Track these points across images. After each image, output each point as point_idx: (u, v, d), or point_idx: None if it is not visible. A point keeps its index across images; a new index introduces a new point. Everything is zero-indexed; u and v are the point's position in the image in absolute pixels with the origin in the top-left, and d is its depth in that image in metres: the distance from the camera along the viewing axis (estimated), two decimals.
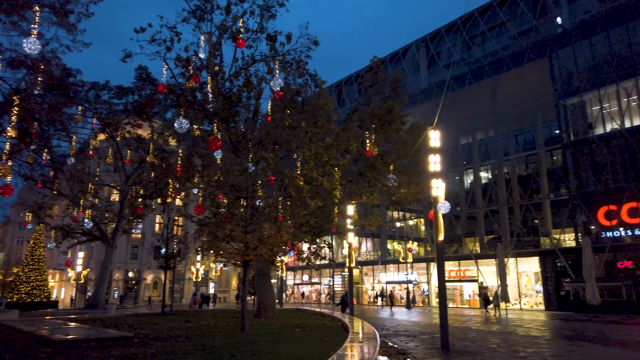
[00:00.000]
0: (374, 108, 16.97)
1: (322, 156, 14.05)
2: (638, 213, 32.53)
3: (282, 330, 12.26)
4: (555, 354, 11.49)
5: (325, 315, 18.18)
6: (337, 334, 10.25)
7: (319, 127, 13.82)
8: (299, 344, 9.11)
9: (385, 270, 51.08)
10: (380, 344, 13.03)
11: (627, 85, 33.60)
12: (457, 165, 46.98)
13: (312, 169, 14.12)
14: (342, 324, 12.91)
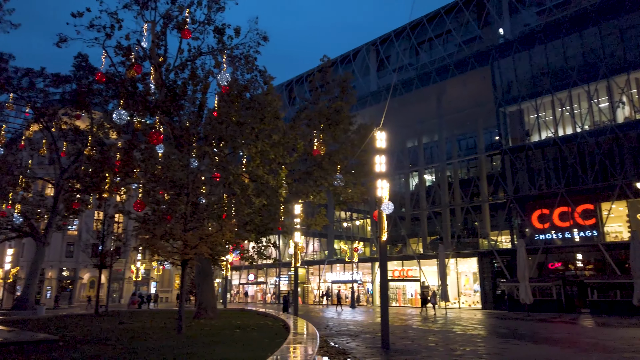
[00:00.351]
0: (322, 107, 16.91)
1: (268, 154, 13.82)
2: (568, 217, 34.55)
3: (221, 331, 11.92)
4: (490, 351, 11.87)
5: (269, 315, 17.94)
6: (277, 334, 10.07)
7: (266, 124, 13.57)
8: (237, 345, 8.85)
9: (331, 269, 51.39)
10: (322, 344, 12.97)
11: (561, 96, 35.62)
12: (403, 168, 48.11)
13: (257, 167, 13.84)
14: (284, 324, 12.75)
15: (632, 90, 33.13)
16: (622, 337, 15.11)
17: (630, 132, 32.28)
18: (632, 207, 32.12)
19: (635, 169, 32.17)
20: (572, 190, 34.16)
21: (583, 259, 35.29)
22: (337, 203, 18.62)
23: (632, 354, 10.99)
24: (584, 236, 33.93)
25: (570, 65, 35.26)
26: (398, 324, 22.03)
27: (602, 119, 34.19)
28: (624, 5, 32.43)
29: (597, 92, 34.09)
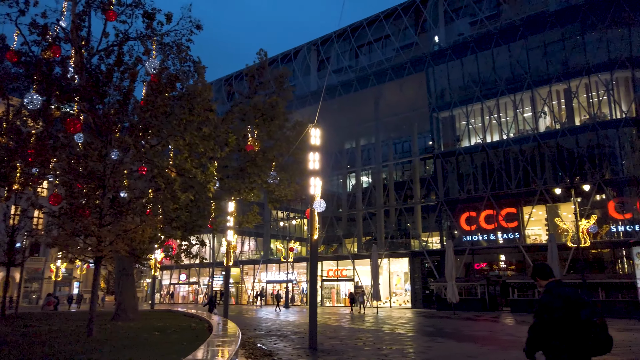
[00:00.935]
0: (257, 102, 16.43)
1: (197, 147, 13.15)
2: (493, 220, 36.30)
3: (138, 334, 11.15)
4: (415, 350, 11.98)
5: (195, 316, 17.20)
6: (199, 336, 9.53)
7: (195, 116, 12.91)
8: (150, 349, 8.23)
9: (266, 269, 50.76)
10: (248, 345, 12.52)
11: (490, 104, 37.38)
12: (341, 169, 48.49)
13: (185, 160, 13.14)
14: (209, 326, 12.17)
15: (553, 101, 35.40)
16: None
17: (550, 141, 34.46)
18: (550, 211, 34.29)
19: (554, 176, 34.39)
20: (497, 195, 35.92)
21: (506, 260, 37.26)
22: (271, 201, 18.20)
23: None
24: (507, 238, 35.77)
25: (499, 75, 37.10)
26: (330, 323, 21.98)
27: (526, 127, 36.26)
28: (547, 22, 34.57)
29: (522, 102, 36.11)
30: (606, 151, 32.73)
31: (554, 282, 4.10)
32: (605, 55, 32.33)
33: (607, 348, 3.75)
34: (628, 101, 32.30)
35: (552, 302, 3.90)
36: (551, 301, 3.92)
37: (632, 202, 31.13)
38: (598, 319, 3.74)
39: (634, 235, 29.38)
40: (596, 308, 3.87)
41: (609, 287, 28.29)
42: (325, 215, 47.67)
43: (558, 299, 3.88)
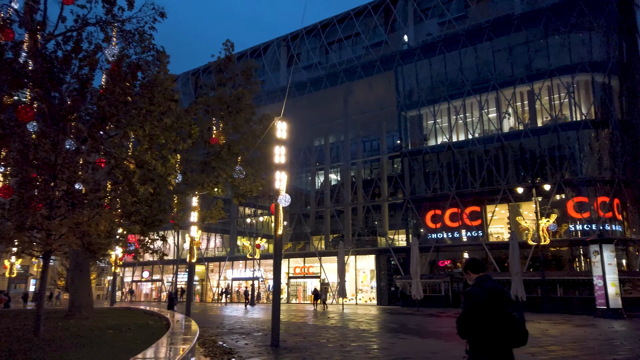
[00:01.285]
0: (222, 94, 16.01)
1: (158, 138, 12.66)
2: (457, 218, 36.88)
3: (90, 332, 10.63)
4: (379, 346, 11.91)
5: (155, 314, 16.66)
6: (155, 334, 9.15)
7: (156, 105, 12.41)
8: (99, 348, 7.82)
9: (232, 266, 50.09)
10: (209, 343, 12.17)
11: (456, 104, 37.94)
12: (310, 166, 48.29)
13: (145, 151, 12.63)
14: (168, 323, 11.75)
15: (517, 103, 36.23)
16: None
17: (514, 142, 35.27)
18: (512, 210, 35.10)
19: (517, 176, 35.22)
20: (462, 193, 36.53)
21: (469, 258, 37.92)
22: (236, 196, 17.81)
23: None
24: (470, 236, 36.43)
25: (465, 76, 37.69)
26: (295, 320, 21.77)
27: (491, 128, 36.98)
28: (512, 24, 35.32)
29: (487, 103, 36.82)
30: (566, 152, 33.73)
31: (482, 277, 4.31)
32: (567, 59, 33.30)
33: (523, 341, 4.01)
34: (588, 104, 33.38)
35: (478, 295, 4.12)
36: (477, 293, 4.13)
37: (590, 202, 32.21)
38: (517, 314, 3.98)
39: (591, 234, 30.38)
40: (516, 303, 4.12)
41: (566, 284, 29.21)
42: (293, 212, 47.43)
43: (483, 292, 4.10)
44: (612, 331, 15.81)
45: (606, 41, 33.35)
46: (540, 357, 9.56)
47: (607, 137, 32.70)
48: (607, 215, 31.45)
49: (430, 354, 10.24)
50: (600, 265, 23.33)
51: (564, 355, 9.89)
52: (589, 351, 10.50)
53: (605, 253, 23.36)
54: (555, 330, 16.00)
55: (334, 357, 9.93)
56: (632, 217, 32.68)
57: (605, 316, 22.53)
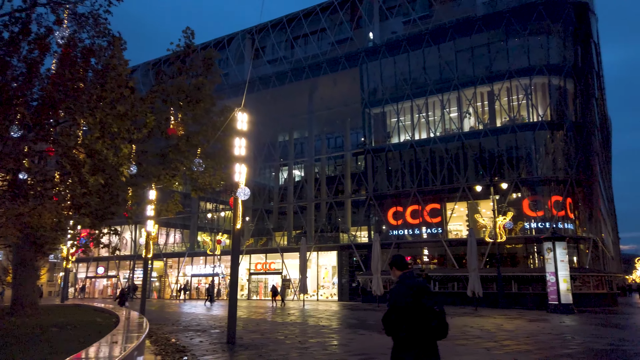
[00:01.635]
0: (181, 82, 15.43)
1: (110, 126, 12.02)
2: (418, 215, 37.38)
3: (32, 330, 9.99)
4: (337, 343, 11.77)
5: (105, 311, 15.96)
6: (102, 332, 8.66)
7: (108, 92, 11.78)
8: (38, 347, 7.30)
9: (192, 262, 49.03)
10: (161, 341, 11.69)
11: (419, 102, 38.39)
12: (274, 161, 47.78)
13: (96, 140, 11.97)
14: (117, 321, 11.21)
15: (477, 103, 37.00)
16: (456, 326, 16.34)
17: (473, 141, 36.01)
18: (471, 208, 35.88)
19: (476, 174, 36.00)
20: (423, 191, 37.03)
21: (429, 254, 38.57)
22: (194, 189, 17.27)
23: (464, 341, 11.72)
24: (430, 233, 37.01)
25: (429, 75, 38.16)
26: (254, 317, 21.42)
27: (452, 127, 37.63)
28: (475, 26, 36.00)
29: (449, 102, 37.43)
30: (523, 152, 34.73)
31: (407, 273, 4.45)
32: (525, 61, 34.24)
33: (444, 333, 4.16)
34: (544, 106, 34.46)
35: (401, 291, 4.26)
36: (400, 290, 4.28)
37: (544, 201, 33.31)
38: (438, 308, 4.11)
39: (545, 232, 31.41)
40: (438, 298, 4.28)
41: (521, 280, 30.11)
42: (256, 208, 46.88)
43: (407, 288, 4.24)
44: (563, 326, 16.30)
45: (562, 45, 34.52)
46: (495, 352, 9.65)
47: (562, 139, 33.88)
48: (560, 214, 32.60)
49: (387, 350, 10.16)
50: (553, 262, 24.11)
51: (518, 349, 10.03)
52: (541, 345, 10.70)
53: (558, 250, 24.16)
54: (509, 325, 16.36)
55: (290, 354, 9.70)
56: (582, 216, 34.02)
57: (556, 311, 23.31)
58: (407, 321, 4.14)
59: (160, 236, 52.47)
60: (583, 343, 11.06)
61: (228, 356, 9.68)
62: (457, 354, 9.47)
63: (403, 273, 4.48)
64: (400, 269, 4.53)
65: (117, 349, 6.01)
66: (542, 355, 9.09)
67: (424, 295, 4.17)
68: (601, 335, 12.95)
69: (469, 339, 12.01)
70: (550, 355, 9.09)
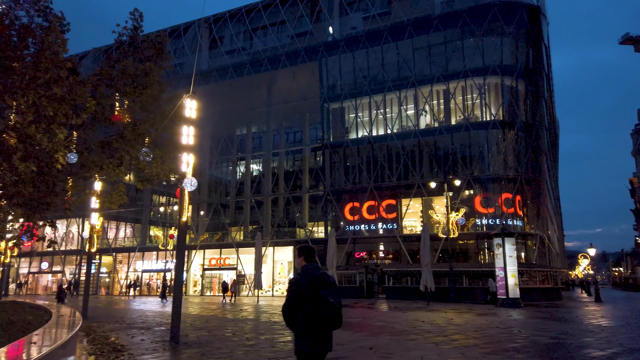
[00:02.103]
0: (127, 66, 14.56)
1: (45, 109, 11.12)
2: (374, 211, 37.61)
3: None
4: (286, 339, 11.44)
5: (41, 308, 14.96)
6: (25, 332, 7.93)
7: (43, 72, 10.89)
8: None
9: (143, 257, 47.39)
10: (99, 340, 10.99)
11: (377, 99, 38.55)
12: (231, 155, 46.77)
13: (29, 124, 11.05)
14: (49, 319, 10.41)
15: (433, 101, 37.55)
16: (407, 320, 16.38)
17: (429, 138, 36.54)
18: (425, 204, 36.44)
19: (431, 171, 36.56)
20: (379, 187, 37.27)
21: (384, 250, 38.92)
22: (140, 180, 16.40)
23: (414, 335, 11.66)
24: (386, 228, 37.31)
25: (387, 72, 38.39)
26: (205, 313, 20.77)
27: (409, 124, 38.04)
28: (432, 24, 36.47)
29: (406, 99, 37.79)
30: (476, 151, 35.55)
31: (310, 265, 4.52)
32: (480, 61, 35.01)
33: (338, 324, 4.30)
34: (497, 105, 35.37)
35: (301, 282, 4.36)
36: (300, 281, 4.37)
37: (495, 198, 34.23)
38: (334, 300, 4.22)
39: (495, 228, 32.31)
40: (335, 290, 4.36)
41: (472, 275, 30.79)
42: (211, 202, 45.84)
43: (307, 280, 4.34)
44: (511, 319, 16.66)
45: (515, 47, 35.53)
46: (444, 347, 9.60)
47: (513, 138, 34.91)
48: (509, 211, 33.60)
49: (337, 346, 9.94)
50: (502, 258, 24.72)
51: (466, 344, 10.03)
52: (489, 339, 10.77)
53: (507, 246, 24.79)
54: (459, 319, 16.55)
55: (236, 352, 9.29)
56: (531, 214, 35.22)
57: (504, 305, 23.93)
58: (303, 311, 4.25)
59: (110, 230, 50.44)
60: (529, 337, 11.24)
61: (169, 356, 9.15)
62: (406, 349, 9.36)
63: (307, 264, 4.54)
64: (307, 259, 4.58)
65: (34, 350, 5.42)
66: (490, 349, 9.11)
67: (322, 287, 4.28)
68: (546, 328, 13.25)
69: (419, 333, 11.98)
70: (498, 349, 9.12)
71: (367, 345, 9.81)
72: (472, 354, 8.62)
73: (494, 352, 8.74)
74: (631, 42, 75.29)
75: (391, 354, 8.71)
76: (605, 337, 10.94)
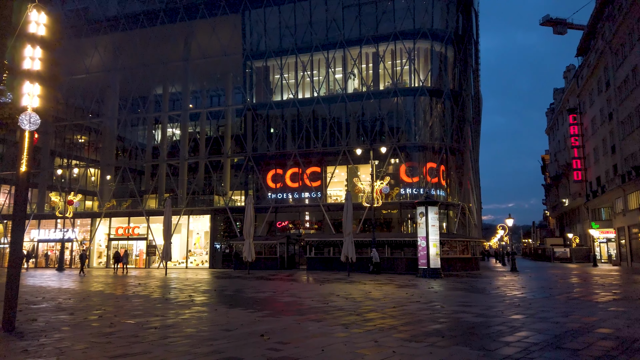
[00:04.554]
0: None
1: None
2: (298, 178, 35.66)
3: None
4: (161, 325, 9.14)
5: None
6: None
7: None
8: None
9: (39, 226, 42.31)
10: None
11: (304, 59, 36.08)
12: (143, 114, 42.32)
13: None
14: None
15: (362, 65, 35.77)
16: (321, 294, 14.67)
17: (356, 103, 34.87)
18: (351, 172, 35.03)
19: (357, 138, 35.05)
20: (304, 153, 35.27)
21: (309, 219, 37.25)
22: None
23: (323, 315, 9.81)
24: (310, 197, 35.57)
25: (315, 30, 35.93)
26: (92, 289, 17.83)
27: (336, 87, 36.07)
28: None
29: (334, 61, 35.68)
30: (403, 119, 34.44)
31: None
32: (410, 24, 33.57)
33: None
34: (425, 72, 34.28)
35: None
36: None
37: (420, 167, 33.50)
38: None
39: (419, 198, 31.64)
40: None
41: (394, 245, 29.92)
42: (119, 165, 41.54)
43: None
44: (432, 292, 15.47)
45: (446, 11, 34.41)
46: (354, 330, 7.79)
47: (440, 106, 34.13)
48: (433, 181, 33.04)
49: (223, 332, 7.80)
50: (425, 227, 23.80)
51: (381, 325, 8.31)
52: (409, 318, 9.17)
53: (430, 215, 23.87)
54: (378, 292, 15.09)
55: (77, 344, 6.85)
56: (454, 184, 34.98)
57: (425, 275, 23.13)
58: None
59: (3, 195, 44.47)
60: (453, 314, 9.79)
61: None
62: (307, 335, 7.42)
63: None
64: None
65: None
66: (409, 334, 7.42)
67: None
68: (470, 302, 12.01)
69: (329, 312, 10.16)
70: (418, 333, 7.46)
71: (260, 331, 7.77)
72: (387, 341, 6.84)
73: (413, 338, 7.02)
74: (551, 24, 78.26)
75: (285, 343, 6.73)
76: (535, 314, 9.72)
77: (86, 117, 43.63)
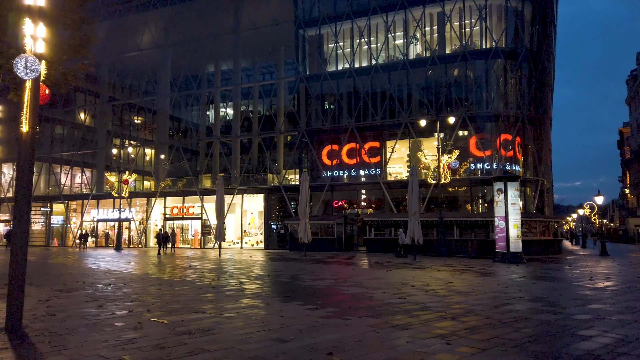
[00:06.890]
0: None
1: None
2: (355, 154, 33.28)
3: None
4: (204, 327, 7.21)
5: None
6: None
7: None
8: None
9: (97, 205, 42.76)
10: None
11: (360, 24, 33.29)
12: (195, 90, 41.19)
13: None
14: None
15: (426, 27, 32.45)
16: (391, 283, 12.42)
17: (419, 70, 31.77)
18: (413, 146, 32.18)
19: (420, 108, 32.03)
20: (361, 127, 32.80)
21: (366, 198, 34.93)
22: None
23: (404, 316, 7.52)
24: (368, 174, 33.20)
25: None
26: (137, 271, 16.57)
27: (397, 54, 33.05)
28: None
29: (394, 24, 32.62)
30: (473, 85, 30.99)
31: None
32: None
33: None
34: (499, 31, 30.49)
35: None
36: None
37: (493, 139, 30.09)
38: None
39: (491, 174, 28.37)
40: None
41: (463, 226, 27.04)
42: (172, 145, 40.93)
43: None
44: (528, 283, 12.78)
45: None
46: (463, 348, 5.43)
47: (516, 69, 30.31)
48: (508, 154, 29.60)
49: (271, 344, 5.72)
50: (504, 205, 20.83)
51: (497, 340, 5.90)
52: (530, 327, 6.71)
53: (510, 192, 20.86)
54: (459, 282, 12.61)
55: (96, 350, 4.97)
56: (532, 158, 31.28)
57: (504, 260, 20.29)
58: None
59: (64, 175, 45.34)
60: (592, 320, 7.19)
61: None
62: (396, 356, 5.15)
63: None
64: None
65: None
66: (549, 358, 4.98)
67: None
68: (581, 302, 9.28)
69: (411, 311, 7.85)
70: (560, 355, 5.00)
71: (325, 344, 5.60)
72: None
73: None
74: None
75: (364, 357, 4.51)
76: None
77: (140, 97, 43.22)
